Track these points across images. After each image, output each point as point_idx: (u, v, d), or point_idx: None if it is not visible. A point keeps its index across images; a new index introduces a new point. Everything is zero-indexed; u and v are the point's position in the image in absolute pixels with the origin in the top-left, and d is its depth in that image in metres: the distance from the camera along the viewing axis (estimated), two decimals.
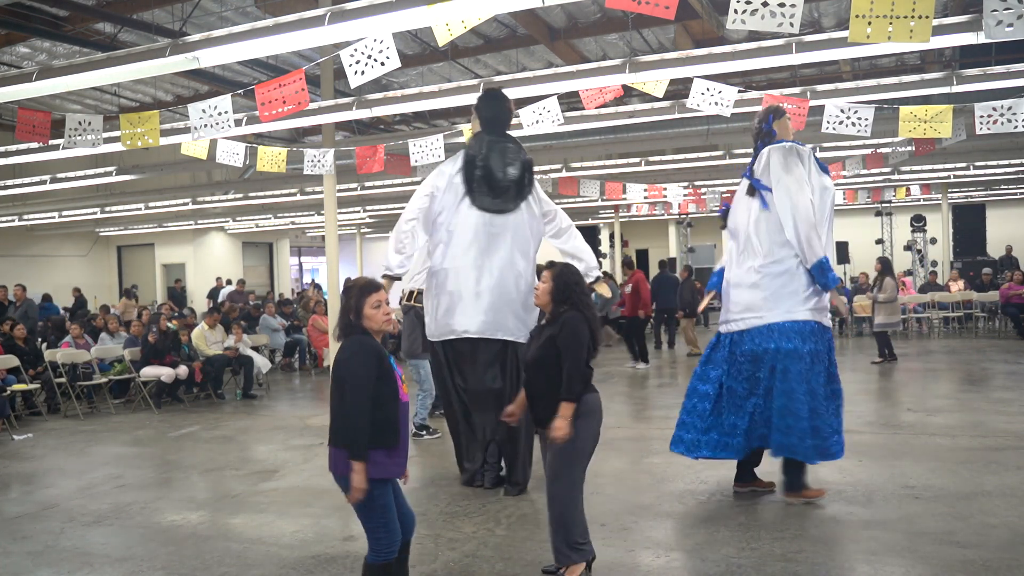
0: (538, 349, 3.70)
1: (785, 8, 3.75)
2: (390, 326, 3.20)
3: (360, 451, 2.96)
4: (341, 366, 3.07)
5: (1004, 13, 3.81)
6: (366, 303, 3.10)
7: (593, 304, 3.83)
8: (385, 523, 3.08)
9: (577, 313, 3.64)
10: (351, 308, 3.11)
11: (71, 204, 17.07)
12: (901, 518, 4.46)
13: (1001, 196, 20.22)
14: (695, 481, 5.37)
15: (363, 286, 3.17)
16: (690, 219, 21.69)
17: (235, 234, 24.67)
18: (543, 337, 3.70)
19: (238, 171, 13.99)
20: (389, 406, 3.05)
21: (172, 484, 6.02)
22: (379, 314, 3.11)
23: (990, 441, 6.17)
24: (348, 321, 3.12)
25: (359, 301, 3.10)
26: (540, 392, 3.67)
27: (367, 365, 3.02)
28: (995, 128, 6.48)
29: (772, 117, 5.07)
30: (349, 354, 3.07)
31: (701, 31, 10.38)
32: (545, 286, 3.74)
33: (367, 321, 3.10)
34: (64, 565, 4.31)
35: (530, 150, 12.16)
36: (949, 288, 15.04)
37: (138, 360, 9.82)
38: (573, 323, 3.61)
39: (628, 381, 10.46)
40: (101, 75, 5.75)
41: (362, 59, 4.82)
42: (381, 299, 3.14)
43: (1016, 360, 10.79)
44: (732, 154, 12.46)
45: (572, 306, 3.66)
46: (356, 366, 3.02)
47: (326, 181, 8.77)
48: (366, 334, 3.11)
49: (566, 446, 3.56)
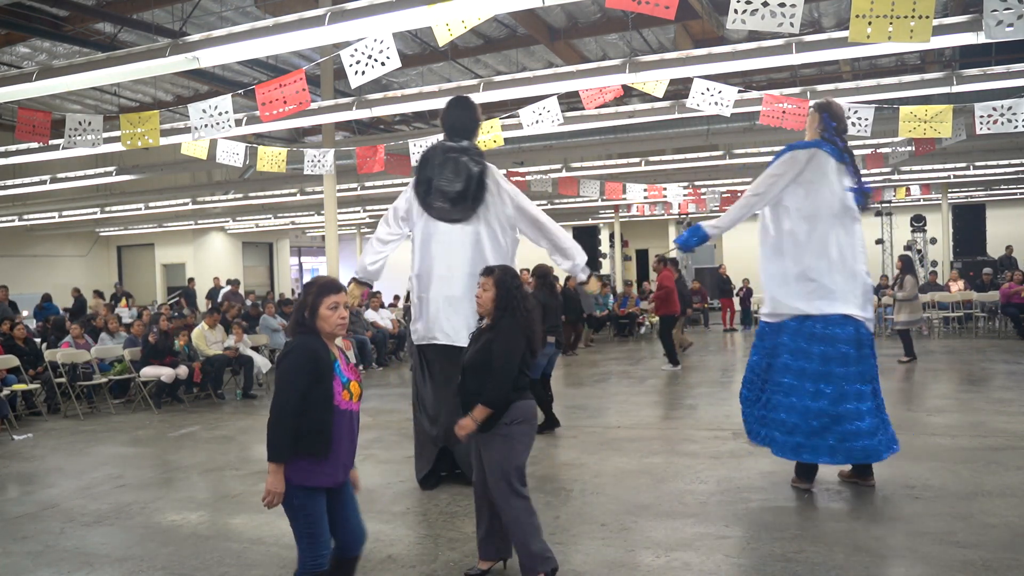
0: (475, 354, 3.64)
1: (785, 8, 3.76)
2: (343, 330, 3.06)
3: (276, 453, 2.86)
4: (276, 366, 3.00)
5: (1004, 13, 3.81)
6: (323, 303, 2.98)
7: (534, 309, 3.76)
8: (310, 533, 2.94)
9: (513, 320, 3.60)
10: (307, 305, 2.99)
11: (71, 204, 17.09)
12: (901, 518, 4.46)
13: (1001, 196, 20.23)
14: (695, 481, 5.37)
15: (323, 284, 3.05)
16: (690, 219, 21.68)
17: (235, 234, 24.69)
18: (480, 341, 3.66)
19: (238, 171, 14.00)
20: (318, 413, 2.91)
21: (172, 484, 6.02)
22: (335, 316, 2.98)
23: (990, 441, 6.17)
24: (301, 318, 3.00)
25: (316, 299, 2.98)
26: (474, 397, 3.58)
27: (300, 367, 2.91)
28: (995, 128, 6.48)
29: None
30: (285, 353, 2.98)
31: (701, 31, 10.39)
32: (488, 294, 3.66)
33: (321, 321, 2.97)
34: (64, 565, 4.31)
35: (530, 150, 12.25)
36: (949, 288, 15.04)
37: (138, 360, 9.83)
38: (508, 331, 3.58)
39: (628, 381, 10.46)
40: (101, 75, 5.76)
41: (362, 59, 4.83)
42: (340, 301, 3.01)
43: (1016, 360, 10.79)
44: (732, 154, 12.47)
45: (511, 312, 3.61)
46: (288, 366, 2.92)
47: (326, 181, 8.78)
48: (315, 335, 2.99)
49: (497, 456, 3.55)
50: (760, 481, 5.29)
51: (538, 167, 13.33)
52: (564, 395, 9.02)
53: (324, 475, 2.94)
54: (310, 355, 2.94)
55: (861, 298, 4.95)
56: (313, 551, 2.94)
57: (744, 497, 4.97)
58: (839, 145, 5.03)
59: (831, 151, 4.98)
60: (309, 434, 2.89)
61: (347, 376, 3.04)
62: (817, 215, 4.95)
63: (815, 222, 4.95)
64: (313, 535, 2.94)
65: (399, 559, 4.09)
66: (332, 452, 2.94)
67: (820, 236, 4.94)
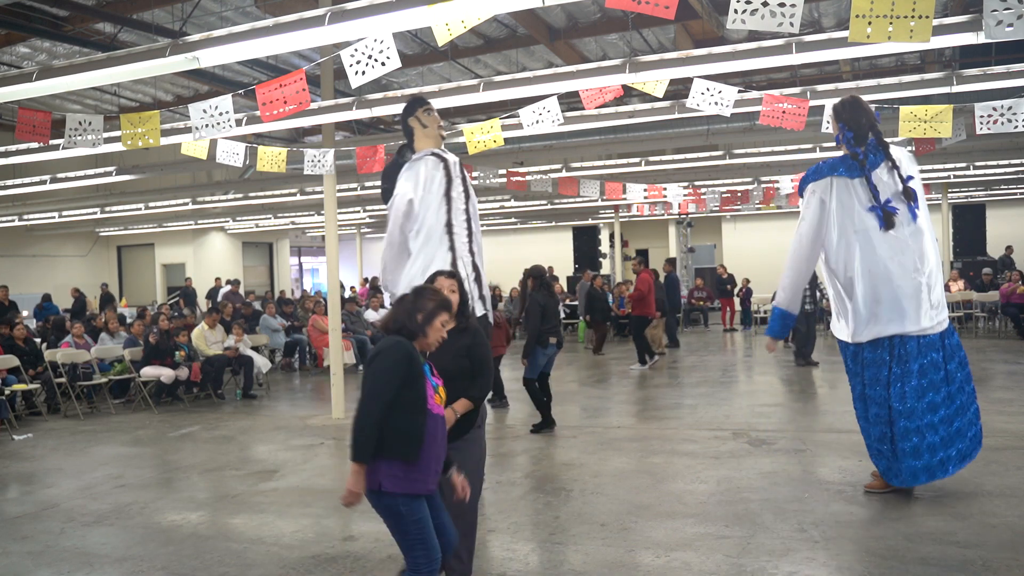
0: (454, 359, 3.48)
1: (785, 8, 3.75)
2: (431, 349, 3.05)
3: (360, 453, 2.78)
4: (369, 363, 2.91)
5: (1004, 13, 3.81)
6: (440, 316, 2.97)
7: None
8: (422, 539, 2.87)
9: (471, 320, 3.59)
10: (423, 311, 2.95)
11: (71, 204, 17.07)
12: (901, 518, 4.46)
13: (1001, 196, 20.22)
14: (695, 481, 5.37)
15: (445, 300, 3.04)
16: (690, 219, 21.69)
17: (235, 234, 24.68)
18: (455, 348, 3.46)
19: (238, 171, 13.99)
20: (410, 415, 2.85)
21: (172, 484, 6.02)
22: (441, 332, 2.98)
23: (990, 441, 6.17)
24: (411, 321, 2.94)
25: (436, 311, 2.96)
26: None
27: (395, 366, 2.84)
28: (995, 128, 6.48)
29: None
30: (379, 351, 2.90)
31: (701, 31, 10.39)
32: (455, 296, 3.54)
33: (431, 332, 2.95)
34: (64, 565, 4.31)
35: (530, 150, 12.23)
36: (949, 288, 15.03)
37: (138, 360, 9.83)
38: (480, 332, 3.60)
39: (628, 381, 10.46)
40: (101, 75, 5.75)
41: (362, 59, 4.82)
42: (447, 321, 3.03)
43: (1016, 360, 10.79)
44: (732, 154, 12.46)
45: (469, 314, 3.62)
46: (383, 365, 2.85)
47: (326, 181, 8.76)
48: (412, 339, 2.94)
49: (477, 455, 3.56)
50: (760, 481, 5.30)
51: (538, 167, 13.33)
52: (564, 395, 9.02)
53: (419, 482, 2.88)
54: (406, 356, 2.88)
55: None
56: (428, 556, 2.89)
57: (744, 497, 4.97)
58: (859, 157, 4.79)
59: (845, 172, 4.77)
60: (399, 437, 2.83)
61: (435, 381, 3.03)
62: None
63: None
64: (425, 541, 2.88)
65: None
66: (423, 457, 2.88)
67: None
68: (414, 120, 5.23)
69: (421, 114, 5.31)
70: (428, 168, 5.05)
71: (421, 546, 2.87)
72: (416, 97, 5.49)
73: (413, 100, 5.42)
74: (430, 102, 5.43)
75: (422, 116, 5.30)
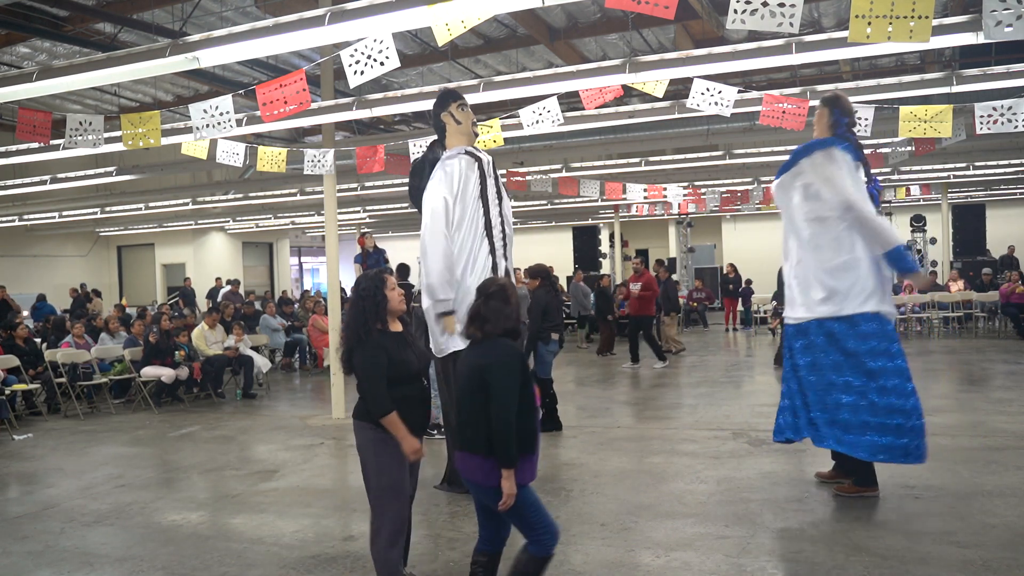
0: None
1: (785, 8, 3.75)
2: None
3: (511, 459, 2.97)
4: (490, 372, 3.02)
5: (1004, 13, 3.81)
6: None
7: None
8: (541, 517, 3.11)
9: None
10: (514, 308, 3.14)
11: (71, 204, 17.07)
12: (901, 518, 4.46)
13: (1001, 196, 20.22)
14: (695, 481, 5.37)
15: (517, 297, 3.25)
16: (690, 219, 21.68)
17: (235, 234, 24.67)
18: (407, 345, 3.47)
19: (238, 171, 13.99)
20: (530, 413, 3.09)
21: (172, 484, 6.02)
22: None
23: (990, 441, 6.17)
24: (510, 325, 3.12)
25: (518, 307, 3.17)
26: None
27: (517, 374, 3.03)
28: (995, 128, 6.48)
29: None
30: (500, 361, 3.04)
31: (701, 31, 10.38)
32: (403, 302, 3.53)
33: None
34: (64, 565, 4.31)
35: (530, 150, 12.23)
36: (949, 288, 15.03)
37: (138, 360, 9.83)
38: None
39: (628, 381, 10.46)
40: (101, 75, 5.75)
41: (362, 59, 4.82)
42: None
43: (1016, 360, 10.79)
44: (732, 154, 12.46)
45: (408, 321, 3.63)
46: (507, 373, 3.01)
47: (326, 181, 8.76)
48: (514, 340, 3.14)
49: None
50: (760, 481, 5.30)
51: (538, 167, 13.33)
52: (564, 395, 9.02)
53: (528, 471, 3.12)
54: (521, 359, 3.11)
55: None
56: (550, 531, 3.11)
57: (744, 497, 4.97)
58: (852, 141, 4.93)
59: (847, 148, 4.86)
60: (524, 435, 3.04)
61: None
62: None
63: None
64: (544, 518, 3.12)
65: None
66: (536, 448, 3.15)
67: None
68: (447, 115, 5.15)
69: (455, 109, 5.23)
70: (463, 168, 5.00)
71: (542, 524, 3.10)
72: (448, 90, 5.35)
73: (446, 93, 5.28)
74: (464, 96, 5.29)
75: (456, 112, 5.21)
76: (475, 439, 3.05)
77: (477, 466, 3.06)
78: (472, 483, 3.14)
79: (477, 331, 3.15)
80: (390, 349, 3.30)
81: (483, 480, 3.05)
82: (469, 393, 3.09)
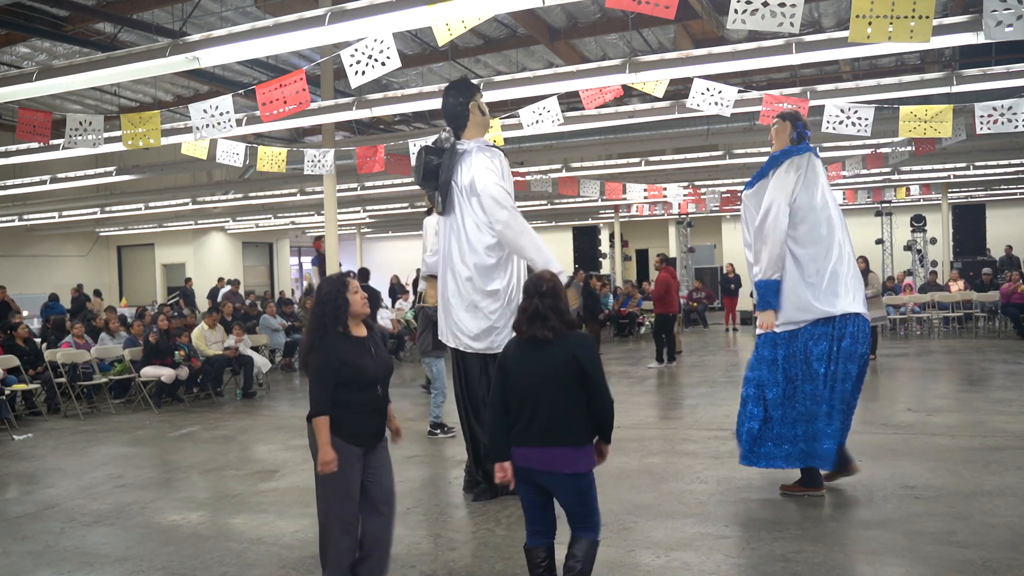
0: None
1: (785, 8, 3.76)
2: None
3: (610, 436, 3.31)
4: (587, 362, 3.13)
5: (1004, 13, 3.81)
6: None
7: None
8: (596, 501, 3.32)
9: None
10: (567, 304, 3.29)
11: (71, 204, 17.08)
12: (901, 518, 4.46)
13: (1001, 196, 20.22)
14: (695, 481, 5.37)
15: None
16: (690, 219, 21.69)
17: (235, 234, 24.68)
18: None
19: (238, 171, 13.99)
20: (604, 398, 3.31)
21: (172, 484, 6.02)
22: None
23: (990, 441, 6.17)
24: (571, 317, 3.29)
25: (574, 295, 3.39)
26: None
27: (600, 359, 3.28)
28: (995, 128, 6.49)
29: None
30: (592, 348, 3.22)
31: (701, 31, 10.38)
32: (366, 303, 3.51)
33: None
34: (64, 565, 4.31)
35: (530, 150, 12.24)
36: (949, 288, 15.04)
37: (138, 360, 9.83)
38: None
39: (627, 380, 10.45)
40: (101, 75, 5.76)
41: (362, 59, 4.83)
42: None
43: (1016, 360, 10.79)
44: (732, 154, 12.46)
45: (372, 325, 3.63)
46: (598, 360, 3.20)
47: (326, 181, 8.78)
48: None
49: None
50: (760, 481, 5.29)
51: (538, 167, 13.33)
52: None
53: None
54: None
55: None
56: (599, 514, 3.32)
57: (744, 497, 4.97)
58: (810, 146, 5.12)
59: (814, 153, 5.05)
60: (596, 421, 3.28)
61: None
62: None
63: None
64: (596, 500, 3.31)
65: (399, 559, 4.08)
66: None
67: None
68: (474, 105, 5.16)
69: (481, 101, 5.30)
70: (504, 162, 5.11)
71: (597, 507, 3.30)
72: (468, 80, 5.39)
73: (469, 83, 5.30)
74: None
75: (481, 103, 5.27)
76: (570, 430, 3.13)
77: (566, 457, 3.13)
78: (550, 475, 3.14)
79: (547, 332, 3.14)
80: (345, 353, 3.29)
81: (573, 468, 3.15)
82: (561, 388, 3.10)
